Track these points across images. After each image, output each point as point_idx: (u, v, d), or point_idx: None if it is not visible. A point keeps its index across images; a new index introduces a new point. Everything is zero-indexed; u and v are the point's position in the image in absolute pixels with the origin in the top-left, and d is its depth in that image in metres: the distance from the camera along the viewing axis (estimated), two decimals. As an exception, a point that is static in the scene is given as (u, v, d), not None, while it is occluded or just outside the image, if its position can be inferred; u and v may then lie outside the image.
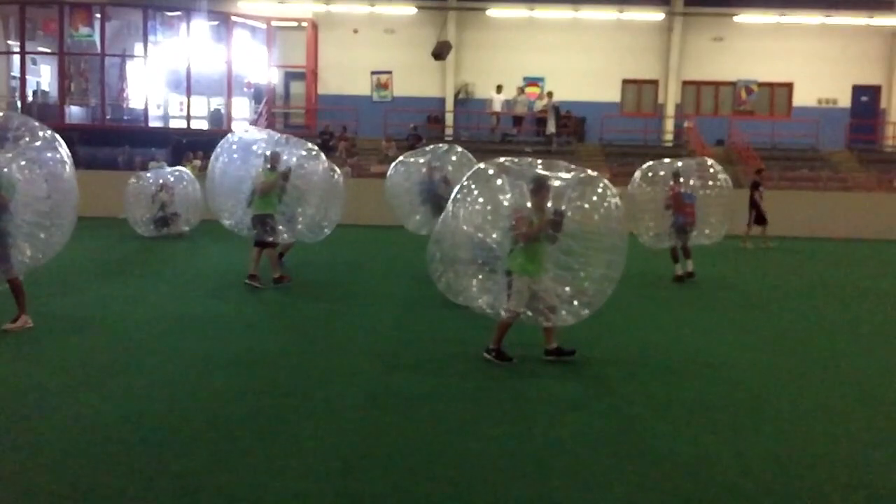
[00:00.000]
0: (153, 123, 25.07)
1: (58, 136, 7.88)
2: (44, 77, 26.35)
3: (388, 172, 13.01)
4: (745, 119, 27.01)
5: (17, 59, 24.78)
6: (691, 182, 11.94)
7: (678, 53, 27.25)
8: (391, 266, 13.19)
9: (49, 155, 7.58)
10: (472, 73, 27.30)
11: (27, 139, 7.53)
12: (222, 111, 25.79)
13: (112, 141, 23.70)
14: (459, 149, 12.55)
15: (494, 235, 6.73)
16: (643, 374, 6.77)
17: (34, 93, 25.64)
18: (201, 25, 25.10)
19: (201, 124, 25.73)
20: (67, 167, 7.79)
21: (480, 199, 6.80)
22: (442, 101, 27.29)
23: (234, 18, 25.21)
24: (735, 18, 26.95)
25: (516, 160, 6.90)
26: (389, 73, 27.28)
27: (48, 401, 5.59)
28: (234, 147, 10.68)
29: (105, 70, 24.54)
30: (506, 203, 6.72)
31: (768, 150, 25.38)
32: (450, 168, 12.11)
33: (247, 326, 8.33)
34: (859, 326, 9.29)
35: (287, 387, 6.14)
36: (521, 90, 26.42)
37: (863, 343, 8.41)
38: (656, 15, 27.01)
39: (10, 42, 25.32)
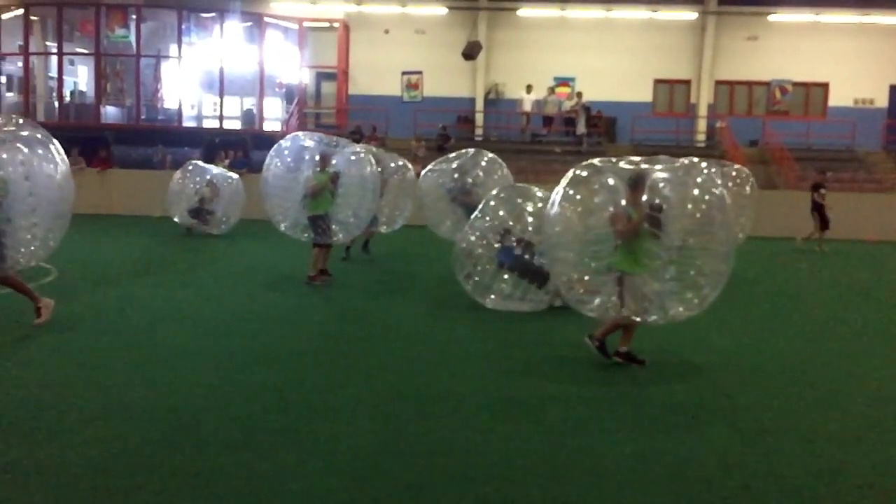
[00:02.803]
0: (187, 123, 25.35)
1: (52, 136, 7.92)
2: (81, 77, 26.79)
3: (419, 180, 13.06)
4: (779, 119, 26.65)
5: (54, 59, 25.21)
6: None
7: (711, 53, 26.95)
8: (422, 265, 13.22)
9: (27, 153, 7.51)
10: (502, 73, 27.26)
11: (14, 132, 7.57)
12: (254, 111, 26.02)
13: (146, 140, 24.02)
14: (489, 154, 12.57)
15: (596, 235, 6.72)
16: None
17: (71, 93, 26.08)
18: (234, 26, 25.35)
19: (234, 124, 25.99)
20: (59, 168, 7.75)
21: (578, 198, 6.81)
22: (472, 101, 27.28)
23: (266, 19, 25.41)
24: (770, 17, 26.60)
25: (613, 160, 6.88)
26: (420, 73, 27.34)
27: (78, 395, 5.70)
28: (287, 150, 10.88)
29: (140, 70, 24.88)
30: (600, 201, 6.71)
31: (803, 151, 25.01)
32: (480, 174, 12.14)
33: (278, 324, 8.42)
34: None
35: (311, 384, 6.20)
36: (552, 90, 26.34)
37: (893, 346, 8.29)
38: (689, 14, 26.75)
39: (48, 43, 25.77)
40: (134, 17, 24.45)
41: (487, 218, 9.50)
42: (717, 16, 26.77)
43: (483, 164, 12.65)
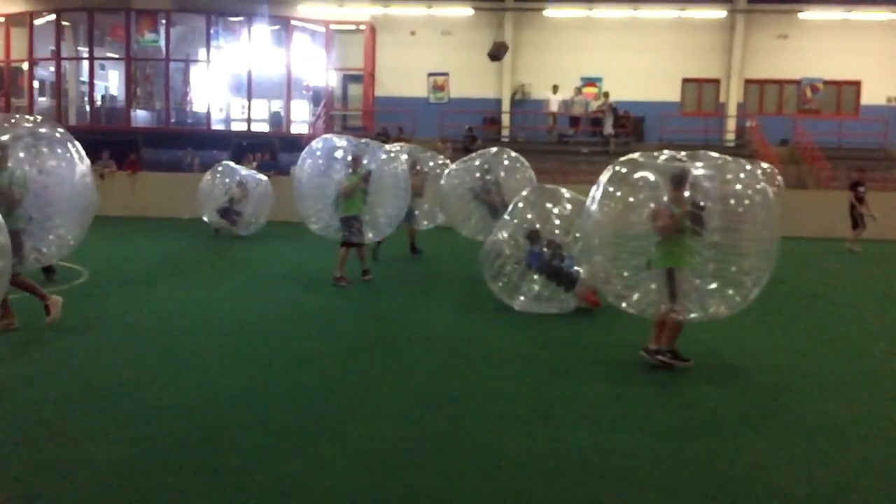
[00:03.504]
0: (215, 126, 25.59)
1: (71, 136, 7.98)
2: (111, 82, 27.14)
3: (442, 179, 13.06)
4: (810, 118, 26.28)
5: (86, 64, 25.59)
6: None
7: (741, 51, 26.67)
8: (447, 266, 13.21)
9: (46, 151, 7.62)
10: (528, 73, 27.18)
11: (32, 130, 7.67)
12: (282, 114, 26.20)
13: (176, 143, 24.29)
14: (512, 153, 12.52)
15: (636, 231, 6.69)
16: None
17: (102, 97, 26.44)
18: (262, 30, 25.55)
19: (262, 127, 26.19)
20: (77, 167, 7.80)
21: (618, 195, 6.78)
22: (498, 102, 27.24)
23: (293, 23, 25.58)
24: (800, 15, 26.26)
25: (655, 154, 6.83)
26: (446, 74, 27.35)
27: (108, 395, 5.77)
28: (319, 153, 10.99)
29: (169, 74, 25.16)
30: (642, 198, 6.67)
31: (834, 150, 24.66)
32: (502, 173, 12.10)
33: (305, 325, 8.46)
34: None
35: (337, 385, 6.22)
36: (579, 90, 26.22)
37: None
38: (718, 12, 26.49)
39: (79, 48, 26.16)
40: (163, 21, 24.74)
41: (515, 220, 9.47)
42: (747, 14, 26.49)
43: (506, 162, 12.60)
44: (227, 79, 26.03)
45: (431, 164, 13.83)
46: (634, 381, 6.51)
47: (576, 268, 9.16)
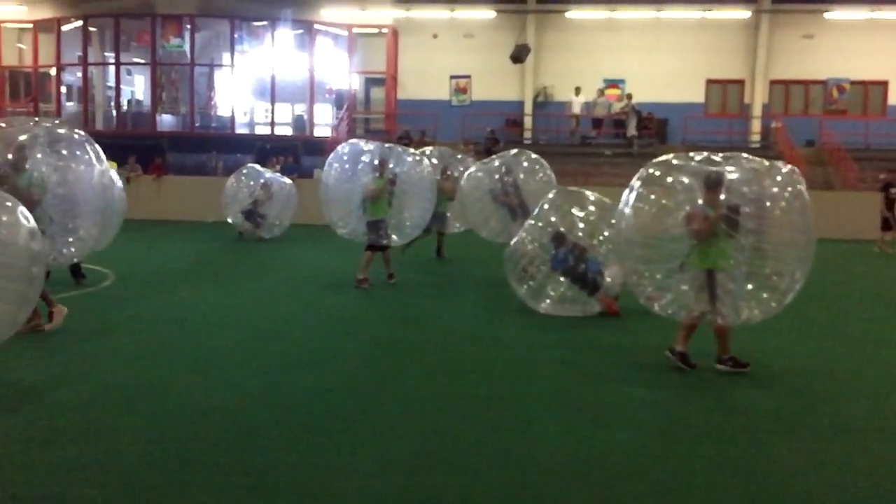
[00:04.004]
0: (239, 130, 25.78)
1: (91, 138, 8.02)
2: (137, 87, 27.42)
3: (462, 181, 13.05)
4: (836, 119, 25.97)
5: (112, 69, 25.88)
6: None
7: (766, 52, 26.43)
8: (468, 268, 13.20)
9: (65, 152, 7.66)
10: (550, 75, 27.12)
11: (50, 131, 7.74)
12: (305, 117, 26.34)
13: (200, 147, 24.49)
14: (532, 155, 12.48)
15: (670, 234, 6.66)
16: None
17: (128, 102, 26.73)
18: (286, 34, 25.70)
19: (285, 130, 26.34)
20: (95, 169, 7.81)
21: (652, 198, 6.77)
22: (520, 104, 27.20)
23: (316, 27, 25.71)
24: (826, 15, 25.97)
25: (690, 155, 6.78)
26: (468, 77, 27.36)
27: (134, 395, 5.82)
28: (346, 157, 11.12)
29: (194, 79, 25.38)
30: (676, 200, 6.64)
31: (861, 151, 24.35)
32: (521, 175, 12.06)
33: (329, 327, 8.49)
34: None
35: (361, 387, 6.23)
36: (601, 92, 26.12)
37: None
38: (743, 13, 26.28)
39: (106, 54, 26.47)
40: (188, 26, 24.97)
41: (540, 223, 9.45)
42: (772, 14, 26.25)
43: (525, 164, 12.56)
44: (250, 83, 26.21)
45: (462, 168, 13.85)
46: (664, 383, 6.47)
47: (600, 272, 9.11)
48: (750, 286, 6.52)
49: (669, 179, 6.73)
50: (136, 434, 5.02)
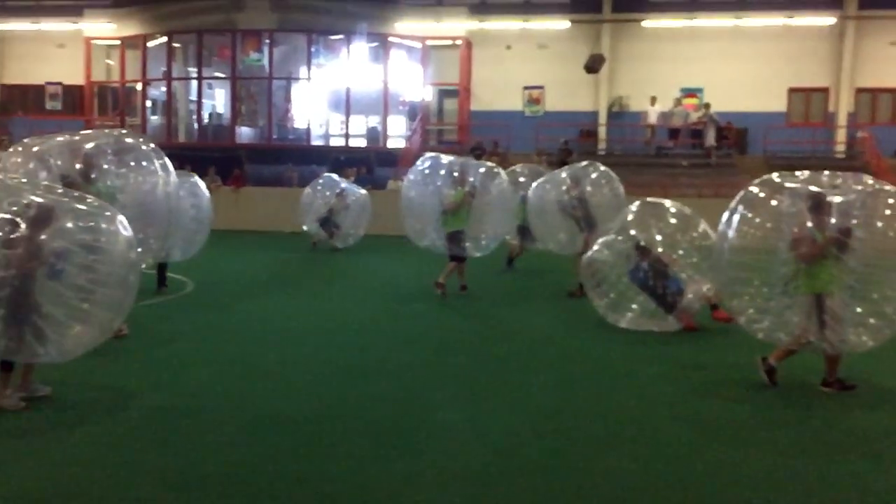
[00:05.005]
0: (315, 142, 26.20)
1: (160, 149, 8.08)
2: (218, 100, 28.21)
3: (529, 194, 12.93)
4: (927, 128, 24.88)
5: (194, 84, 26.70)
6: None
7: (851, 59, 25.51)
8: (536, 280, 13.07)
9: (132, 163, 7.76)
10: (626, 85, 26.74)
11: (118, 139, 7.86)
12: (379, 129, 26.62)
13: (277, 159, 24.99)
14: (601, 167, 12.24)
15: (776, 257, 6.51)
16: None
17: (209, 115, 27.51)
18: (361, 47, 26.05)
19: (359, 142, 26.67)
20: (161, 179, 7.84)
21: (757, 221, 6.64)
22: (595, 114, 26.90)
23: (391, 39, 25.99)
24: (916, 20, 24.94)
25: (797, 174, 6.61)
26: (541, 87, 27.22)
27: (208, 402, 5.94)
28: (428, 170, 11.33)
29: (272, 92, 25.96)
30: (782, 223, 6.50)
31: (956, 161, 23.25)
32: (588, 188, 11.86)
33: (399, 337, 8.52)
34: None
35: (428, 398, 6.22)
36: (678, 102, 25.62)
37: None
38: (827, 19, 25.44)
39: (188, 69, 27.33)
40: (267, 41, 25.56)
41: (620, 236, 9.28)
42: (857, 20, 25.33)
43: (593, 176, 12.33)
44: (326, 95, 26.65)
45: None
46: (759, 399, 6.33)
47: (680, 292, 8.84)
48: (859, 310, 6.31)
49: (774, 203, 6.57)
50: (210, 440, 5.11)
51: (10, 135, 23.28)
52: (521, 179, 13.62)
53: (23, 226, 5.32)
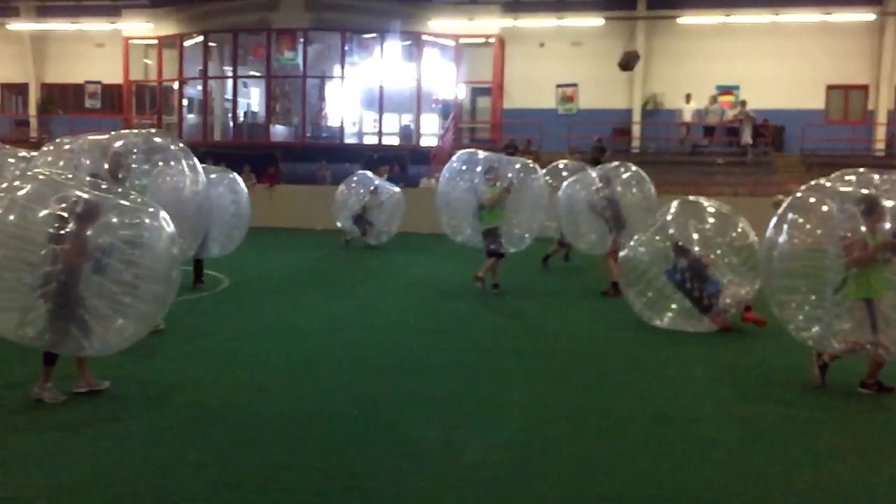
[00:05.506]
0: (348, 140, 26.35)
1: (188, 149, 8.12)
2: (253, 99, 28.48)
3: (559, 193, 12.88)
4: (971, 125, 24.34)
5: (230, 82, 26.98)
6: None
7: (891, 55, 25.03)
8: (580, 279, 13.02)
9: (161, 164, 7.81)
10: (660, 83, 26.52)
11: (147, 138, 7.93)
12: (412, 127, 26.69)
13: (311, 157, 25.16)
14: (632, 166, 12.13)
15: (826, 264, 6.45)
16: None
17: (244, 113, 27.78)
18: (394, 46, 26.12)
19: (392, 140, 26.76)
20: (189, 178, 7.89)
21: (808, 227, 6.59)
22: (629, 112, 26.72)
23: (424, 37, 26.02)
24: (961, 15, 24.41)
25: (847, 175, 6.50)
26: (575, 85, 27.10)
27: (244, 399, 6.02)
28: (464, 167, 11.45)
29: (306, 91, 26.14)
30: (837, 228, 6.42)
31: None
32: (618, 188, 11.78)
33: (433, 335, 8.55)
34: None
35: (462, 396, 6.23)
36: (714, 99, 25.34)
37: None
38: (867, 15, 25.00)
39: (224, 68, 27.62)
40: (301, 40, 25.73)
41: (658, 236, 9.21)
42: (899, 15, 24.86)
43: (624, 176, 12.23)
44: (359, 94, 26.77)
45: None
46: (798, 401, 6.29)
47: (717, 293, 8.75)
48: None
49: (825, 208, 6.48)
50: (249, 438, 5.17)
51: (51, 133, 23.73)
52: (564, 174, 13.70)
53: (70, 222, 5.43)
